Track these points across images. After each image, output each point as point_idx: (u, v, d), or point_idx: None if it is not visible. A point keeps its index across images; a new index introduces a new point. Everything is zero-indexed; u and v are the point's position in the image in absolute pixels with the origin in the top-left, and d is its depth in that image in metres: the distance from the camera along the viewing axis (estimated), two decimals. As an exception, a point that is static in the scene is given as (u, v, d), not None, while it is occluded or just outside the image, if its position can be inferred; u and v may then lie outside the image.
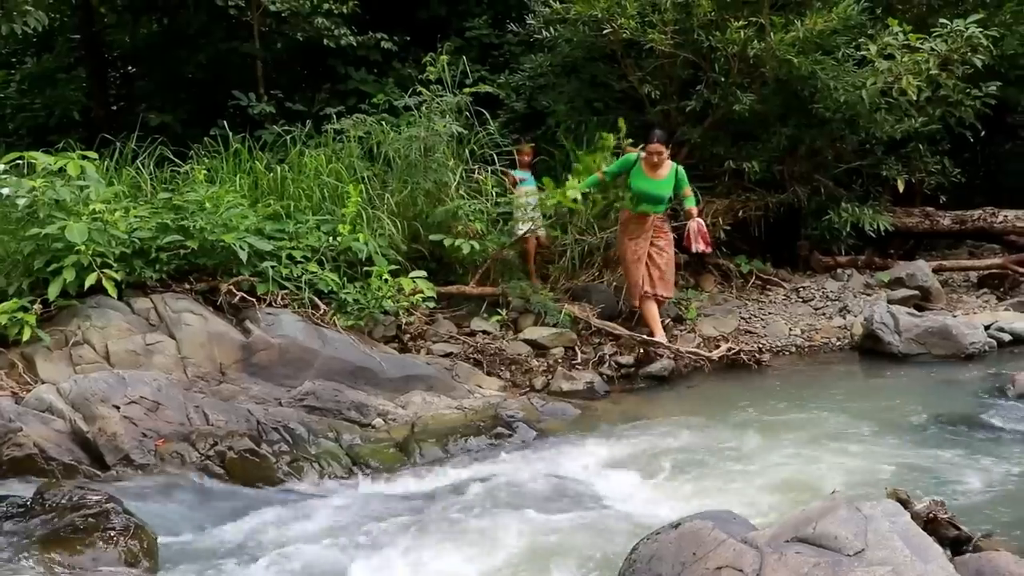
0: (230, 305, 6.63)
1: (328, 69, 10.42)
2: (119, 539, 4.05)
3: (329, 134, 8.35)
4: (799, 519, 3.13)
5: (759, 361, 7.38)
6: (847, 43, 8.37)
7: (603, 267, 8.11)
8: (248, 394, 6.08)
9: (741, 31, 7.88)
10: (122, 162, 7.94)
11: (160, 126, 9.42)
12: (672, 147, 8.62)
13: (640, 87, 8.55)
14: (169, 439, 5.34)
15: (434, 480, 5.22)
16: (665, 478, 5.05)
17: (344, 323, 6.63)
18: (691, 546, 3.12)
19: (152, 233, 6.60)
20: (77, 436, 5.27)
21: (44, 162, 6.51)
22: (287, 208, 7.34)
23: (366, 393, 6.29)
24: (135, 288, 6.56)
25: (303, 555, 4.24)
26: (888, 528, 2.96)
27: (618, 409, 6.47)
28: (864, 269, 9.43)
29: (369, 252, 6.94)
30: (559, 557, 4.07)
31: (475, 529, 4.44)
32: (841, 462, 5.09)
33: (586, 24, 8.42)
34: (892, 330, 7.41)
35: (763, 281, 9.09)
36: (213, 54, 10.49)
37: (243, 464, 5.26)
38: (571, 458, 5.37)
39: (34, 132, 10.51)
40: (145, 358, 6.14)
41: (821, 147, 9.03)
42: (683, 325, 7.93)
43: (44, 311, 6.23)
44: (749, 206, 9.05)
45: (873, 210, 9.07)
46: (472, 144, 8.28)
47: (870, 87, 7.99)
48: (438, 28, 10.32)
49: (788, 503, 4.45)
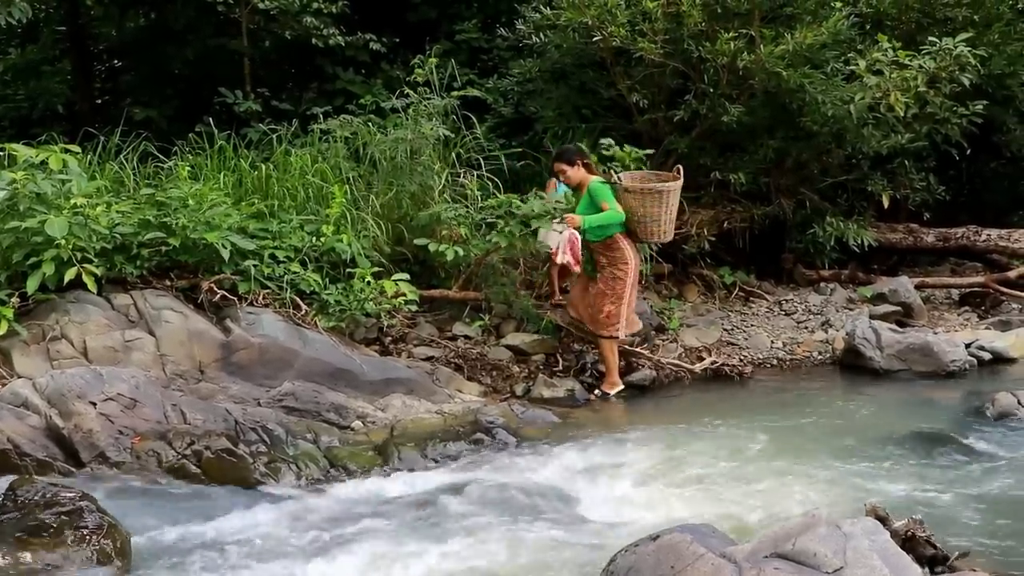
0: (211, 303, 6.58)
1: (316, 68, 10.37)
2: (92, 537, 4.02)
3: (315, 134, 8.30)
4: (778, 535, 3.12)
5: (742, 374, 7.39)
6: (836, 57, 8.39)
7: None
8: (227, 393, 6.03)
9: (731, 42, 7.89)
10: (105, 156, 7.87)
11: (145, 121, 9.34)
12: (658, 156, 8.68)
13: (629, 95, 8.54)
14: (146, 437, 5.30)
15: (412, 484, 5.17)
16: (643, 488, 5.05)
17: (325, 324, 6.59)
18: (669, 559, 3.11)
19: (134, 229, 6.53)
20: (52, 432, 5.22)
21: (26, 154, 6.44)
22: (271, 207, 7.29)
23: (346, 395, 6.25)
24: (115, 284, 6.50)
25: (277, 556, 4.22)
26: (867, 546, 2.96)
27: (598, 417, 6.46)
28: (847, 283, 9.45)
29: (352, 253, 6.90)
30: (536, 565, 4.06)
31: (452, 535, 4.42)
32: (820, 478, 5.10)
33: (576, 31, 8.41)
34: (874, 345, 7.43)
35: (746, 293, 9.09)
36: (200, 50, 10.42)
37: (220, 464, 5.22)
38: (550, 465, 5.35)
39: (17, 124, 10.39)
40: (124, 355, 6.08)
41: (808, 160, 9.05)
42: (665, 335, 7.93)
43: (22, 305, 6.16)
44: (734, 217, 9.05)
45: (857, 225, 9.09)
46: (458, 148, 8.26)
47: (858, 102, 8.02)
48: (427, 30, 10.28)
49: (766, 518, 4.46)
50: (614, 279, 6.78)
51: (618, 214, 6.64)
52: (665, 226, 6.86)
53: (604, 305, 6.78)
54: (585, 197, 6.80)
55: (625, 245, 6.80)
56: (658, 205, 6.76)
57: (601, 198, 6.67)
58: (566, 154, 7.00)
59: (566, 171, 6.89)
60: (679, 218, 8.69)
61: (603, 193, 6.70)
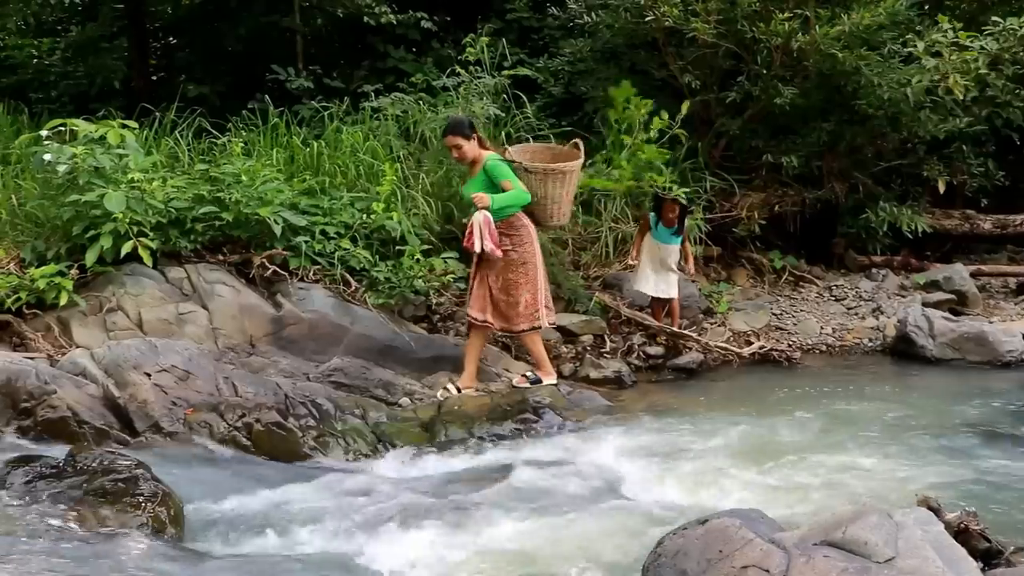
0: (262, 278, 6.67)
1: (367, 46, 10.40)
2: (147, 505, 4.09)
3: (366, 111, 8.35)
4: (828, 522, 3.09)
5: (790, 359, 7.32)
6: (894, 39, 8.23)
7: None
8: (277, 367, 6.12)
9: (786, 23, 7.78)
10: (161, 132, 8.00)
11: (199, 97, 9.44)
12: (709, 138, 8.59)
13: (680, 76, 8.46)
14: (198, 408, 5.39)
15: (458, 462, 5.22)
16: (689, 472, 5.01)
17: (375, 301, 6.64)
18: (718, 543, 3.10)
19: (188, 204, 6.62)
20: (109, 401, 5.34)
21: (85, 130, 6.57)
22: (322, 184, 7.35)
23: (394, 372, 6.31)
24: (169, 257, 6.60)
25: (324, 530, 4.26)
26: (920, 537, 2.92)
27: (645, 400, 6.44)
28: (899, 270, 9.30)
29: (402, 231, 6.93)
30: (583, 546, 4.06)
31: (497, 514, 4.43)
32: (869, 467, 5.04)
33: (628, 10, 8.34)
34: (926, 334, 7.31)
35: (796, 277, 8.99)
36: (253, 27, 10.50)
37: (270, 437, 5.30)
38: (597, 447, 5.35)
39: (76, 99, 10.57)
40: (177, 327, 6.19)
41: (861, 144, 8.90)
42: (713, 318, 7.88)
43: (80, 277, 6.30)
44: (785, 201, 8.94)
45: (911, 210, 8.94)
46: (508, 127, 8.25)
47: (915, 85, 7.86)
48: (478, 9, 10.26)
49: (815, 505, 4.42)
50: (524, 263, 6.04)
51: (525, 194, 5.96)
52: (565, 208, 6.31)
53: (520, 295, 6.06)
54: (480, 176, 6.02)
55: (527, 222, 6.10)
56: (561, 186, 6.20)
57: (503, 177, 5.92)
58: (460, 126, 6.06)
59: (462, 146, 6.01)
60: (729, 200, 8.70)
61: (503, 171, 5.95)
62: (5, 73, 11.17)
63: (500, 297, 6.09)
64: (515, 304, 6.08)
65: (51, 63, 11.54)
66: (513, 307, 6.08)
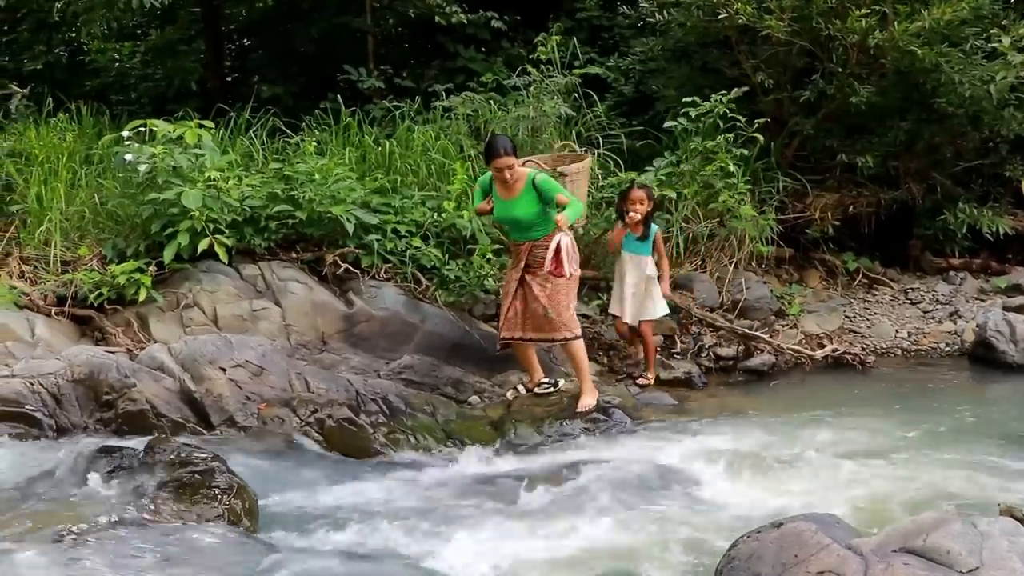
0: (334, 276, 6.76)
1: (437, 46, 10.47)
2: (223, 497, 4.18)
3: (437, 111, 8.40)
4: (908, 529, 3.02)
5: (864, 362, 7.17)
6: (976, 34, 7.99)
7: (707, 256, 7.96)
8: (348, 364, 6.20)
9: (862, 20, 7.60)
10: (236, 132, 8.16)
11: (272, 98, 9.61)
12: (782, 138, 8.45)
13: (753, 75, 8.33)
14: (271, 404, 5.49)
15: (527, 462, 5.23)
16: (760, 475, 4.94)
17: (445, 299, 6.68)
18: (793, 548, 3.05)
19: (262, 202, 6.76)
20: (185, 395, 5.46)
21: (164, 130, 6.74)
22: (393, 183, 7.42)
23: (463, 370, 6.35)
24: (244, 255, 6.74)
25: (394, 527, 4.30)
26: (1007, 547, 2.83)
27: (715, 401, 6.37)
28: (979, 273, 9.02)
29: (473, 230, 6.96)
30: (653, 547, 4.03)
31: (568, 513, 4.44)
32: (947, 474, 4.90)
33: (700, 8, 8.23)
34: (1008, 339, 7.08)
35: (870, 280, 8.79)
36: (325, 28, 10.65)
37: (341, 433, 5.37)
38: (667, 448, 5.31)
39: (154, 101, 10.85)
40: (251, 323, 6.31)
41: (940, 143, 8.66)
42: (785, 320, 7.74)
43: (158, 273, 6.47)
44: (860, 202, 8.75)
45: (992, 212, 8.66)
46: (579, 126, 8.22)
47: (999, 82, 7.62)
48: (548, 8, 10.25)
49: (892, 512, 4.32)
50: (571, 275, 5.74)
51: (580, 203, 5.78)
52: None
53: (568, 304, 5.84)
54: (528, 193, 5.70)
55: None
56: (582, 188, 6.25)
57: (556, 190, 5.67)
58: (512, 145, 5.78)
59: (514, 165, 5.69)
60: (802, 201, 8.54)
61: (554, 184, 5.71)
62: (88, 76, 11.52)
63: (539, 311, 5.78)
64: (562, 313, 5.78)
65: (131, 66, 11.88)
66: (558, 317, 5.76)
